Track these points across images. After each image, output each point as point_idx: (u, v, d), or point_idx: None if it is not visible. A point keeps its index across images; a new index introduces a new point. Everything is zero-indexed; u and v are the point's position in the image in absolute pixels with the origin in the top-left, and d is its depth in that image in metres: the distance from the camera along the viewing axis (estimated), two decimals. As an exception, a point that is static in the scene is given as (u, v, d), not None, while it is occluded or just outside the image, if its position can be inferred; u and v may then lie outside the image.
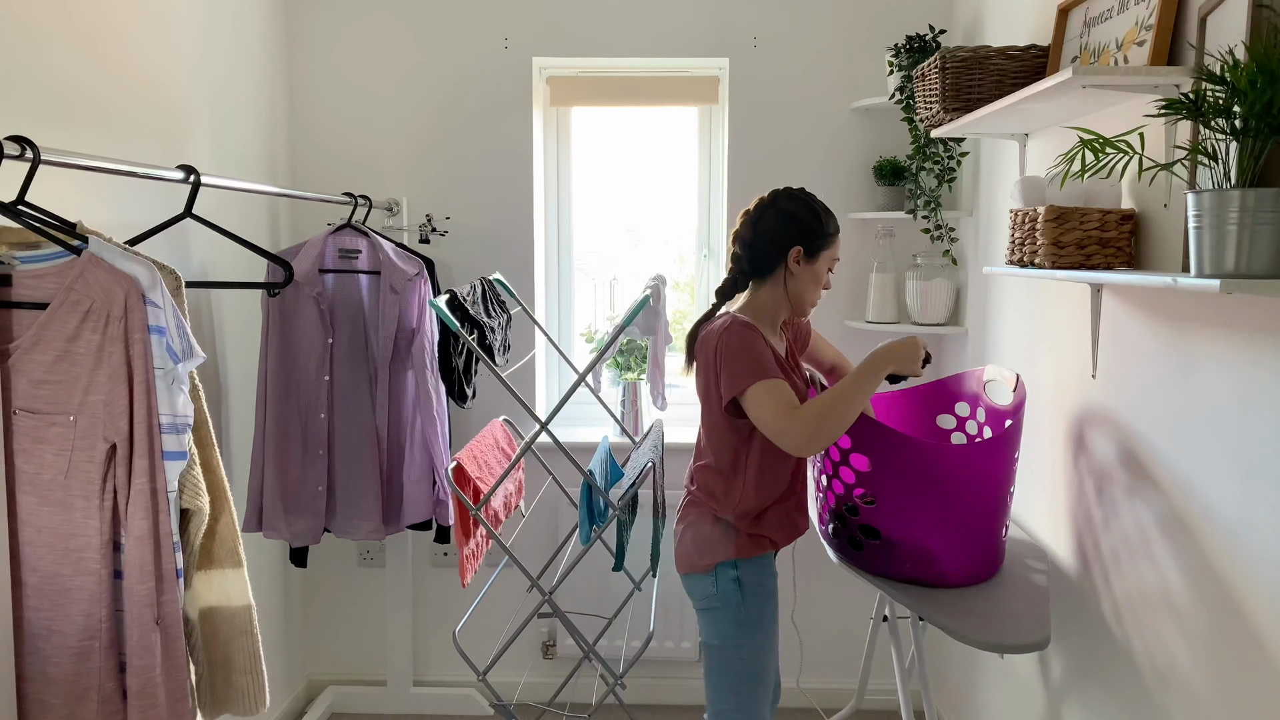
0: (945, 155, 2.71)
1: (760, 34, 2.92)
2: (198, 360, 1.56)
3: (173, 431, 1.51)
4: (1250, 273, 1.18)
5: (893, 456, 1.85)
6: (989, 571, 1.98)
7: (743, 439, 1.90)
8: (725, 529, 1.92)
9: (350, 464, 2.61)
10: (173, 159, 2.28)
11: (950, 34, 2.82)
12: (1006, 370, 2.13)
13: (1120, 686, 1.80)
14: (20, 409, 1.48)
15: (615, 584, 3.00)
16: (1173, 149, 1.56)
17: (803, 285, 1.92)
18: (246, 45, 2.71)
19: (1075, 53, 1.90)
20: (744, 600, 1.89)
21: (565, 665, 3.12)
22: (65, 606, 1.50)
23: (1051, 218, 1.65)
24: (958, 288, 2.82)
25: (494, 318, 2.54)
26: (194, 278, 2.37)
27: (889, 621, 2.31)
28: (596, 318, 3.36)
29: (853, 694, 2.98)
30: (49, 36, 1.83)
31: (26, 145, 1.41)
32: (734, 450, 1.91)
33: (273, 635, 2.91)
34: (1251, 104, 1.18)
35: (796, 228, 1.89)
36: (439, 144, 2.99)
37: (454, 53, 2.96)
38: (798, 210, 1.90)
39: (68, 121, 1.89)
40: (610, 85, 3.07)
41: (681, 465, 3.04)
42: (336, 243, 2.63)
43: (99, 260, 1.48)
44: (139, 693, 1.49)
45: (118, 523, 1.50)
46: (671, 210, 3.26)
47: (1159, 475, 1.65)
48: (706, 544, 1.92)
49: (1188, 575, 1.56)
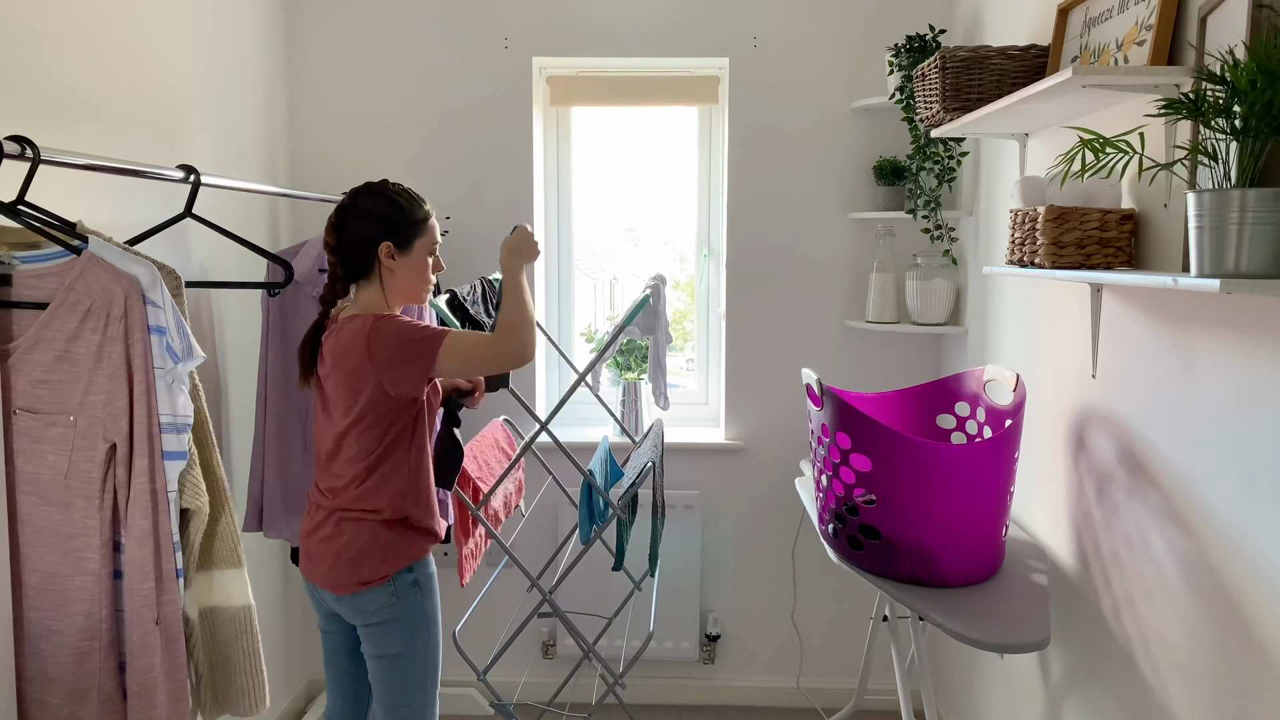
0: (945, 155, 2.71)
1: (760, 34, 2.92)
2: (198, 360, 1.56)
3: (173, 431, 1.51)
4: (1250, 273, 1.18)
5: (893, 456, 1.86)
6: (989, 571, 1.98)
7: (404, 429, 1.84)
8: (395, 534, 1.84)
9: (350, 464, 2.61)
10: (173, 159, 2.28)
11: (950, 34, 2.82)
12: (1006, 370, 2.13)
13: (1120, 686, 1.80)
14: (20, 409, 1.48)
15: (615, 584, 3.00)
16: (1173, 149, 1.56)
17: (404, 278, 1.87)
18: (246, 45, 2.71)
19: (1075, 53, 1.90)
20: (425, 600, 1.87)
21: (565, 665, 3.12)
22: (65, 606, 1.50)
23: (1051, 218, 1.65)
24: (958, 288, 2.82)
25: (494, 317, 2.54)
26: (194, 278, 2.37)
27: (889, 621, 2.31)
28: (596, 318, 3.36)
29: (853, 694, 2.98)
30: (49, 36, 1.83)
31: (26, 145, 1.41)
32: (393, 443, 1.82)
33: (273, 635, 2.91)
34: (1251, 104, 1.18)
35: (381, 224, 1.83)
36: (439, 144, 2.99)
37: (454, 53, 2.96)
38: (377, 206, 1.84)
39: (68, 121, 1.89)
40: (610, 85, 3.07)
41: (682, 465, 3.05)
42: (336, 243, 2.63)
43: (99, 260, 1.48)
44: (139, 693, 1.49)
45: (118, 523, 1.50)
46: (671, 210, 3.26)
47: (1159, 475, 1.65)
48: (375, 555, 1.82)
49: (1187, 575, 1.56)
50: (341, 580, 1.81)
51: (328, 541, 1.83)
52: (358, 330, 1.77)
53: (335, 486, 1.83)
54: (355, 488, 1.81)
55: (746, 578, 3.11)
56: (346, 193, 1.88)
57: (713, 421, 3.22)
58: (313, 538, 1.86)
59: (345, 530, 1.82)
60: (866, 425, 1.86)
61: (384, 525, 1.82)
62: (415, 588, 1.85)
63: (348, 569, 1.81)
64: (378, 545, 1.82)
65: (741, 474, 3.06)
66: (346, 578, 1.81)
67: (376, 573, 1.81)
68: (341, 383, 1.79)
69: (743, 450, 3.06)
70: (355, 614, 1.84)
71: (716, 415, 3.20)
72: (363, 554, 1.81)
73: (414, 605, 1.85)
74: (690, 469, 3.06)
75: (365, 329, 1.76)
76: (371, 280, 1.86)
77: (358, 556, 1.81)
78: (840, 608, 3.10)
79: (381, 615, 1.83)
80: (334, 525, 1.83)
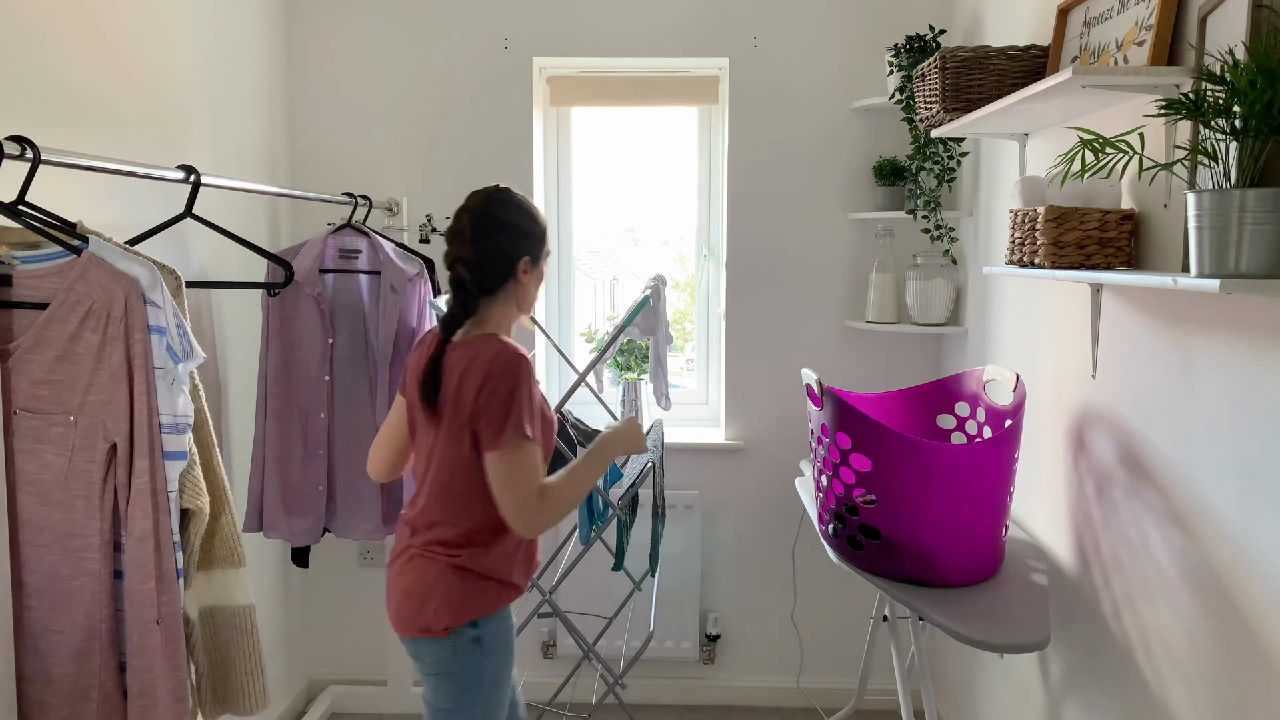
0: (945, 155, 2.71)
1: (760, 34, 2.92)
2: (198, 360, 1.56)
3: (173, 431, 1.51)
4: (1250, 273, 1.18)
5: (893, 456, 1.86)
6: (989, 571, 1.98)
7: None
8: (470, 581, 1.70)
9: (350, 464, 2.61)
10: (173, 159, 2.28)
11: (950, 34, 2.82)
12: (1006, 370, 2.13)
13: (1120, 686, 1.80)
14: (21, 409, 1.48)
15: (615, 584, 3.00)
16: (1173, 149, 1.56)
17: (529, 293, 1.78)
18: (246, 45, 2.71)
19: (1075, 53, 1.90)
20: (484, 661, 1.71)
21: (565, 665, 3.12)
22: (65, 606, 1.50)
23: (1051, 218, 1.65)
24: (958, 288, 2.82)
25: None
26: (194, 278, 2.37)
27: (889, 621, 2.31)
28: (596, 318, 3.36)
29: (853, 694, 2.98)
30: (49, 36, 1.83)
31: (26, 145, 1.41)
32: (480, 481, 1.67)
33: (273, 635, 2.91)
34: (1251, 104, 1.18)
35: (521, 237, 1.74)
36: (439, 144, 2.99)
37: (454, 53, 2.96)
38: (514, 217, 1.74)
39: (68, 121, 1.89)
40: (610, 85, 3.07)
41: (682, 465, 3.05)
42: (336, 243, 2.63)
43: (99, 260, 1.48)
44: (139, 692, 1.49)
45: (118, 523, 1.50)
46: (671, 210, 3.26)
47: (1159, 475, 1.65)
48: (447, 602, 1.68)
49: (1187, 575, 1.56)
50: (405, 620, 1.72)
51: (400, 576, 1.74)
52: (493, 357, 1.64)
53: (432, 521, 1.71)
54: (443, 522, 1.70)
55: (746, 578, 3.11)
56: (474, 197, 1.75)
57: (713, 421, 3.22)
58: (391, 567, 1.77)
59: (416, 567, 1.71)
60: (866, 425, 1.86)
61: (454, 569, 1.69)
62: (476, 646, 1.70)
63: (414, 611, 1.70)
64: (445, 589, 1.68)
65: (741, 474, 3.06)
66: (411, 619, 1.70)
67: (440, 622, 1.68)
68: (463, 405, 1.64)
69: (743, 450, 3.06)
70: (413, 657, 1.75)
71: (716, 415, 3.20)
72: (429, 596, 1.68)
73: (470, 665, 1.70)
74: (690, 469, 3.06)
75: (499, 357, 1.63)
76: (497, 295, 1.73)
77: (424, 599, 1.68)
78: (840, 608, 3.10)
79: (436, 668, 1.71)
80: (407, 560, 1.72)
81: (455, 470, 1.68)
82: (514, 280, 1.74)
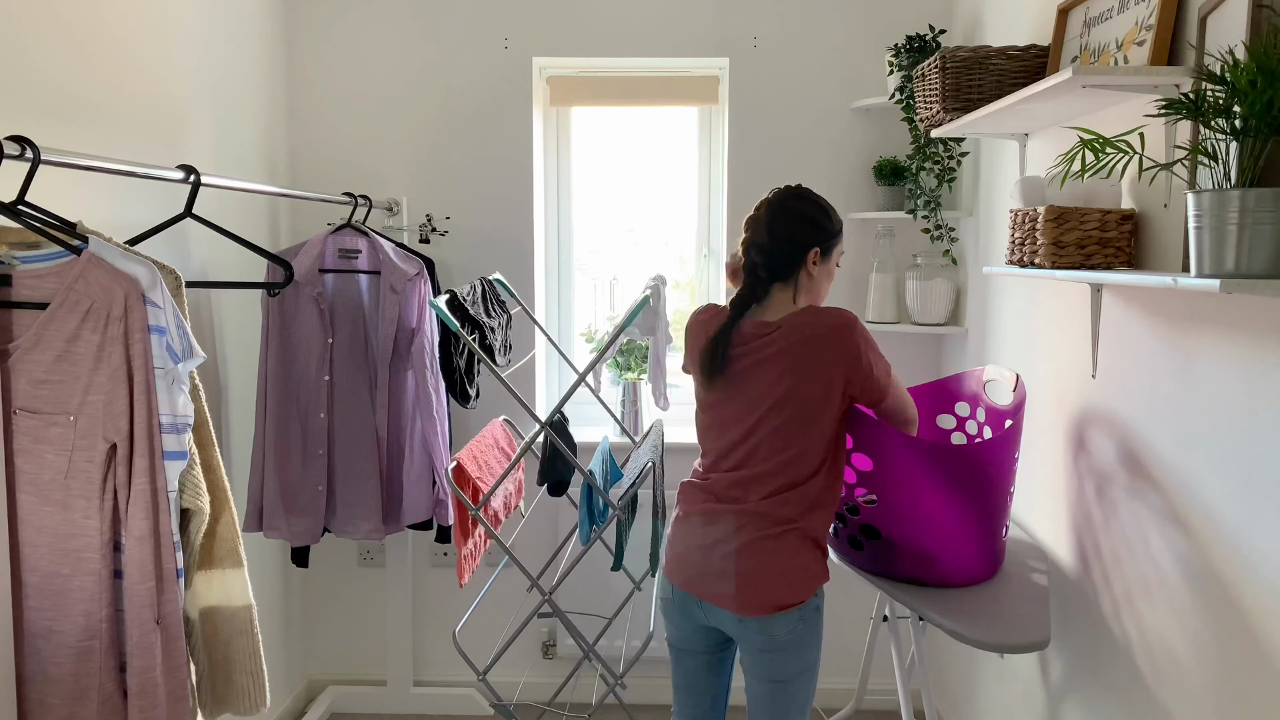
0: (945, 155, 2.71)
1: (760, 34, 2.92)
2: (198, 360, 1.56)
3: (173, 431, 1.51)
4: (1250, 273, 1.17)
5: (893, 456, 1.85)
6: (989, 572, 1.98)
7: (839, 440, 1.81)
8: (815, 553, 1.78)
9: (350, 464, 2.61)
10: (173, 159, 2.28)
11: (950, 34, 2.82)
12: (1006, 370, 2.13)
13: (1120, 686, 1.80)
14: (20, 409, 1.48)
15: (615, 584, 2.99)
16: (1173, 149, 1.56)
17: (817, 285, 1.87)
18: (246, 45, 2.71)
19: (1075, 53, 1.90)
20: (821, 622, 1.82)
21: (565, 665, 3.12)
22: (65, 606, 1.50)
23: (1051, 218, 1.65)
24: (958, 288, 2.82)
25: (494, 318, 2.54)
26: (194, 278, 2.37)
27: (889, 621, 2.31)
28: (596, 318, 3.36)
29: (853, 694, 2.98)
30: (49, 36, 1.83)
31: (26, 145, 1.41)
32: (832, 455, 1.79)
33: (273, 635, 2.91)
34: (1251, 104, 1.18)
35: (813, 229, 1.84)
36: (439, 144, 2.99)
37: (454, 53, 2.96)
38: (810, 210, 1.86)
39: (68, 121, 1.89)
40: (610, 85, 3.07)
41: (682, 465, 3.04)
42: (336, 243, 2.63)
43: (99, 260, 1.48)
44: (139, 692, 1.49)
45: (118, 522, 1.50)
46: (671, 210, 3.26)
47: (1159, 475, 1.65)
48: (802, 576, 1.76)
49: (1188, 575, 1.56)
50: (755, 601, 1.74)
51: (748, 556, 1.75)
52: (835, 325, 1.74)
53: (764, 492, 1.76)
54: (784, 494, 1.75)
55: (746, 578, 3.10)
56: (775, 192, 1.88)
57: (713, 421, 3.21)
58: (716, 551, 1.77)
59: (765, 545, 1.74)
60: (867, 425, 1.86)
61: (804, 539, 1.76)
62: (818, 612, 1.80)
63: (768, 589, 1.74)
64: (804, 562, 1.76)
65: (741, 474, 3.06)
66: (763, 599, 1.74)
67: (796, 596, 1.74)
68: (805, 377, 1.73)
69: (743, 450, 3.05)
70: (759, 637, 1.76)
71: (716, 415, 3.19)
72: (788, 572, 1.74)
73: (816, 629, 1.79)
74: (690, 469, 3.05)
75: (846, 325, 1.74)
76: (788, 284, 1.84)
77: (783, 575, 1.74)
78: (840, 608, 3.10)
79: (783, 641, 1.75)
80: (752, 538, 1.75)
81: (808, 439, 1.75)
82: (803, 269, 1.83)
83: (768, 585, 1.74)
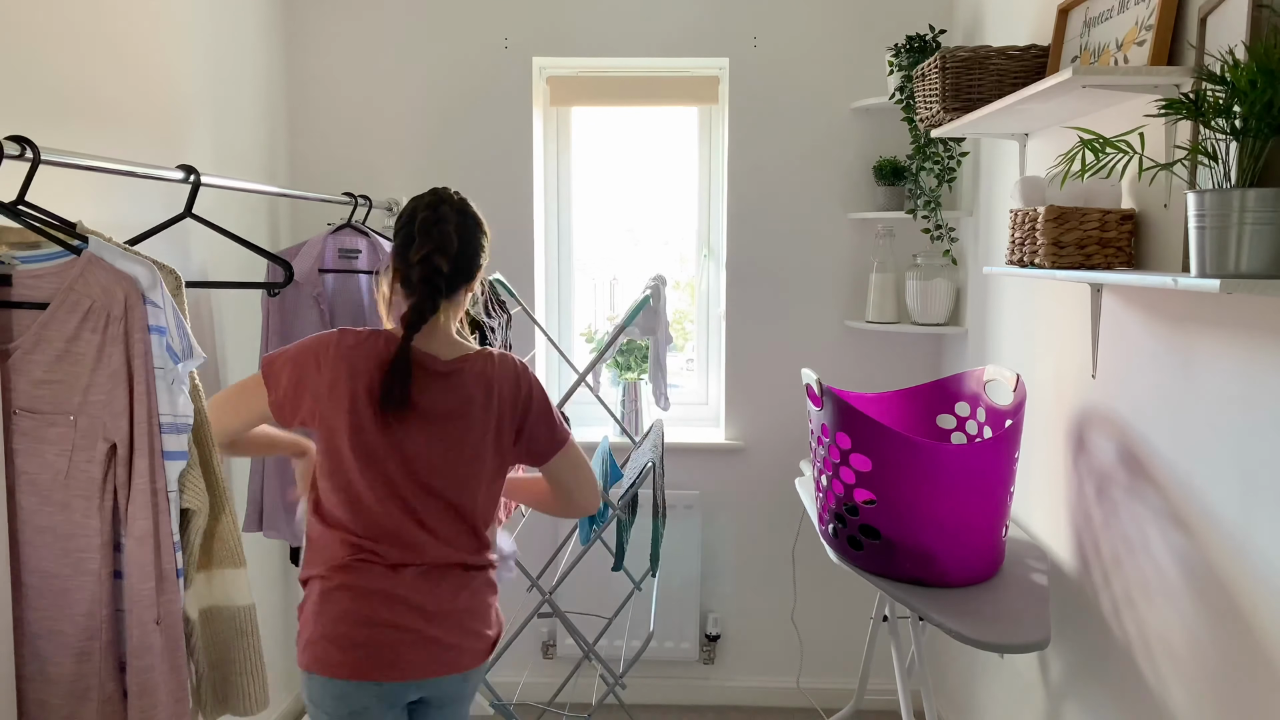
0: (945, 155, 2.71)
1: (760, 34, 2.92)
2: (198, 360, 1.55)
3: (173, 431, 1.51)
4: (1250, 273, 1.18)
5: (893, 456, 1.85)
6: (989, 571, 1.98)
7: None
8: None
9: (350, 464, 2.61)
10: (173, 159, 2.28)
11: (950, 34, 2.82)
12: (1006, 370, 2.13)
13: (1120, 686, 1.80)
14: (20, 409, 1.48)
15: (615, 584, 2.99)
16: (1173, 149, 1.56)
17: (465, 300, 1.68)
18: (246, 45, 2.71)
19: (1075, 53, 1.90)
20: None
21: (565, 665, 3.12)
22: (65, 606, 1.50)
23: (1051, 218, 1.65)
24: (958, 288, 2.82)
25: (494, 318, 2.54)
26: (194, 278, 2.37)
27: (889, 621, 2.31)
28: (596, 318, 3.36)
29: (853, 694, 2.98)
30: (49, 36, 1.83)
31: (26, 145, 1.41)
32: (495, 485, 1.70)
33: (273, 635, 2.91)
34: (1251, 104, 1.18)
35: (484, 238, 1.66)
36: (439, 144, 2.99)
37: (454, 53, 2.96)
38: (479, 216, 1.66)
39: (68, 121, 1.89)
40: (610, 85, 3.07)
41: (682, 465, 3.05)
42: (336, 243, 2.63)
43: (99, 260, 1.48)
44: (139, 693, 1.49)
45: (118, 523, 1.50)
46: (671, 210, 3.26)
47: (1159, 475, 1.65)
48: (496, 617, 1.72)
49: (1187, 575, 1.56)
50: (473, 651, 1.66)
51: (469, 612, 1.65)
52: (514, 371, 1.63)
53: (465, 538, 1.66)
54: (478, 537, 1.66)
55: (746, 578, 3.11)
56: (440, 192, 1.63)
57: (713, 421, 3.22)
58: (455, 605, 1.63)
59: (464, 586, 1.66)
60: (866, 425, 1.86)
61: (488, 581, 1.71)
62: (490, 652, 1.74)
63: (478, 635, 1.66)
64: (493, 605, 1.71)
65: (741, 474, 3.06)
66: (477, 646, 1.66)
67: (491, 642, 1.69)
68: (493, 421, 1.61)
69: (743, 450, 3.05)
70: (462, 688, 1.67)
71: (716, 415, 3.20)
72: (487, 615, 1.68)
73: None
74: (690, 469, 3.06)
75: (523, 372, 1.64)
76: (452, 300, 1.62)
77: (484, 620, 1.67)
78: (840, 608, 3.10)
79: (470, 693, 1.71)
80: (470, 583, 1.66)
81: (485, 476, 1.65)
82: (469, 286, 1.64)
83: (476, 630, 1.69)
